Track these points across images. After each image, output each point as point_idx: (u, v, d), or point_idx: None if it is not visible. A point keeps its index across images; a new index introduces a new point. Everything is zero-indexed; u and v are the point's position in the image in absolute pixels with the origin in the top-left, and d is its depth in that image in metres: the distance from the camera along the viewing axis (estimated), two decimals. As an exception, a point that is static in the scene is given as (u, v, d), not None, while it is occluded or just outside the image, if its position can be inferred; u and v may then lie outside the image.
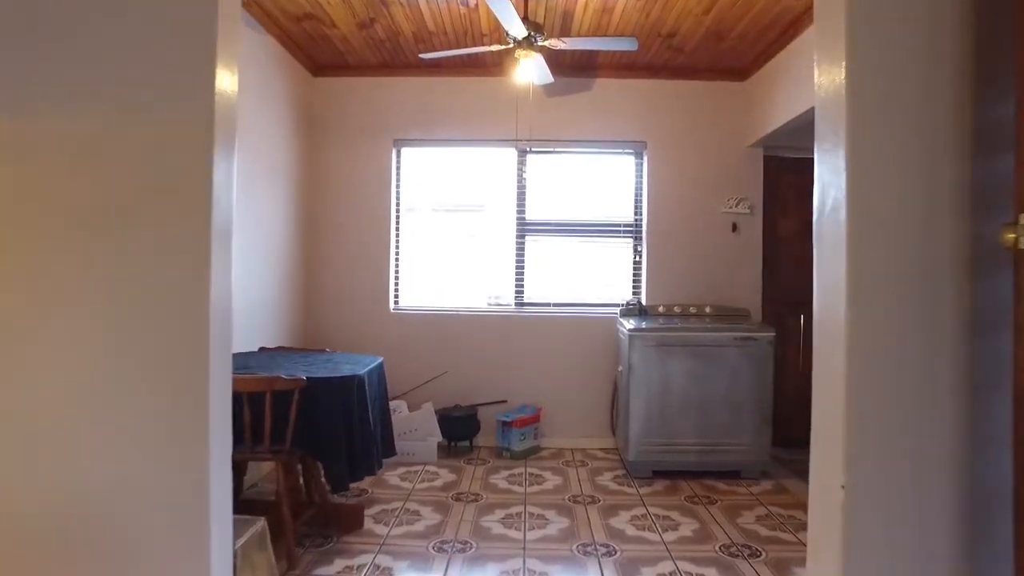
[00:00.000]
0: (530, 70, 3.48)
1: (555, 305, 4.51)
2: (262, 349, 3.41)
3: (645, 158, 4.44)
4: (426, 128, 4.41)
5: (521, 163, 4.51)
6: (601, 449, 4.35)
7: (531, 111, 4.33)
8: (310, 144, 4.40)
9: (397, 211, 4.52)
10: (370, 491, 3.44)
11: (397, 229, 4.53)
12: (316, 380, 2.58)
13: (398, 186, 4.53)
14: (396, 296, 4.53)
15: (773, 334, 3.72)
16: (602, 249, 4.53)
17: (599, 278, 4.53)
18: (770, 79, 4.04)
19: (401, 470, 3.81)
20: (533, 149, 4.49)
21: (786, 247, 4.52)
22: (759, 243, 4.41)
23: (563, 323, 4.41)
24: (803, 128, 4.45)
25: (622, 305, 4.32)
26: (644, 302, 4.32)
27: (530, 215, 4.51)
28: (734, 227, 4.38)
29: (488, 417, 4.35)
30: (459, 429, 4.21)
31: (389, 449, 3.16)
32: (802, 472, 3.98)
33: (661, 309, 4.21)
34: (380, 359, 3.20)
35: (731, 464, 3.72)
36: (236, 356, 2.45)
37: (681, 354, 3.69)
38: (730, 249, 4.40)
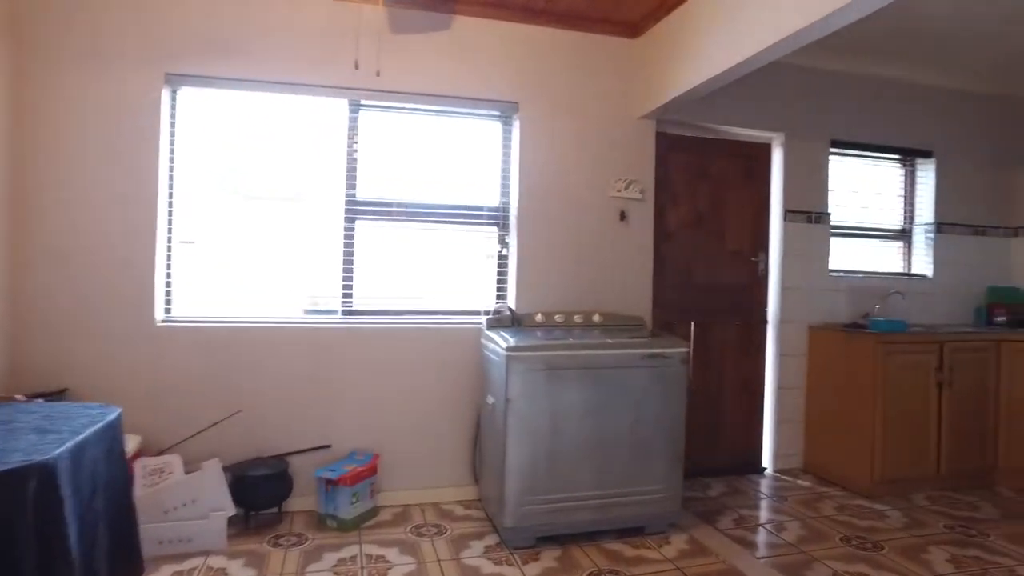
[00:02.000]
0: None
1: (395, 314, 3.39)
2: None
3: (516, 124, 3.49)
4: (216, 60, 3.05)
5: (353, 121, 3.32)
6: (460, 503, 3.31)
7: (369, 50, 3.16)
8: (14, 72, 2.82)
9: (171, 181, 3.10)
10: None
11: (171, 207, 3.10)
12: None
13: (173, 144, 3.10)
14: (167, 303, 3.11)
15: (686, 350, 2.96)
16: (459, 241, 3.49)
17: (455, 278, 3.49)
18: (667, 38, 3.29)
19: (168, 572, 2.46)
20: (369, 103, 3.32)
21: (675, 242, 3.83)
22: (650, 235, 3.66)
23: (407, 338, 3.30)
24: (701, 102, 3.81)
25: (488, 314, 3.32)
26: (515, 309, 3.36)
27: (362, 193, 3.34)
28: (622, 215, 3.59)
29: (305, 470, 3.12)
30: (261, 493, 2.92)
31: (126, 567, 1.86)
32: (714, 515, 3.26)
33: (539, 318, 3.28)
34: (114, 412, 1.89)
35: (634, 519, 2.89)
36: None
37: (576, 379, 2.78)
38: (619, 242, 3.60)
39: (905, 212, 4.44)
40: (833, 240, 4.13)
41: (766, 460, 4.01)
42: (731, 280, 3.97)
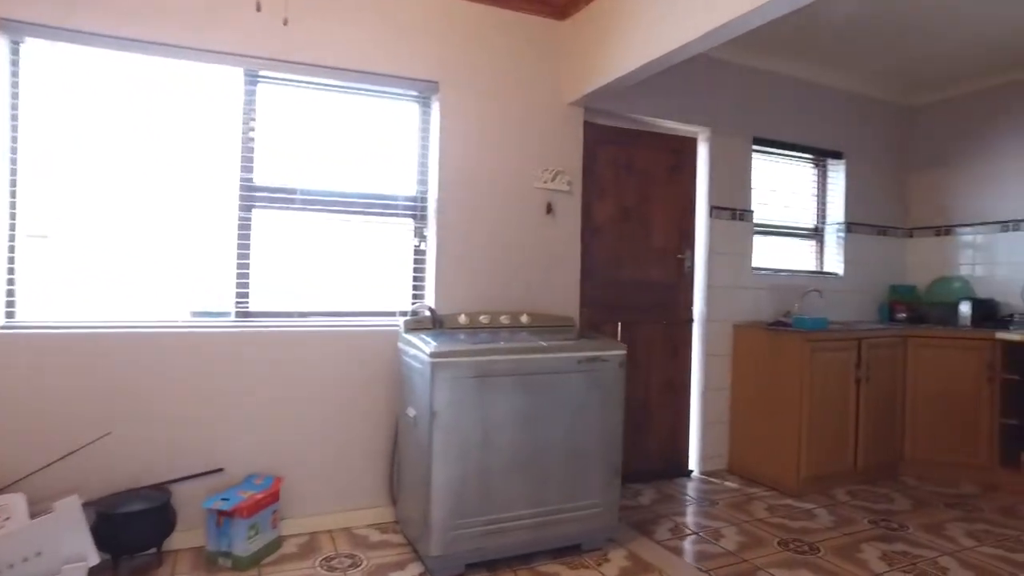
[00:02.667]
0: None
1: (299, 316, 2.98)
2: None
3: (435, 106, 3.17)
4: (76, 7, 2.52)
5: (250, 95, 2.88)
6: (376, 527, 2.95)
7: (269, 14, 2.74)
8: None
9: (13, 158, 2.53)
10: None
11: (13, 192, 2.54)
12: None
13: (15, 111, 2.54)
14: (9, 306, 2.54)
15: (624, 352, 2.76)
16: (371, 233, 3.14)
17: (367, 275, 3.13)
18: (597, 21, 3.09)
19: (1, 645, 1.95)
20: (269, 75, 2.90)
21: (602, 238, 3.66)
22: (577, 230, 3.46)
23: (312, 343, 2.90)
24: (630, 91, 3.66)
25: (407, 315, 2.99)
26: (435, 309, 3.05)
27: (260, 178, 2.91)
28: (549, 208, 3.36)
29: (192, 501, 2.65)
30: (134, 532, 2.44)
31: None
32: (649, 525, 3.06)
33: (463, 320, 2.99)
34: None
35: (571, 536, 2.66)
36: None
37: (509, 387, 2.51)
38: (545, 237, 3.37)
39: (818, 211, 4.53)
40: (755, 238, 4.12)
41: (693, 462, 3.93)
42: (658, 278, 3.85)
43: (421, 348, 2.51)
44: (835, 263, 4.50)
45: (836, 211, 4.50)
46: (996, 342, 3.76)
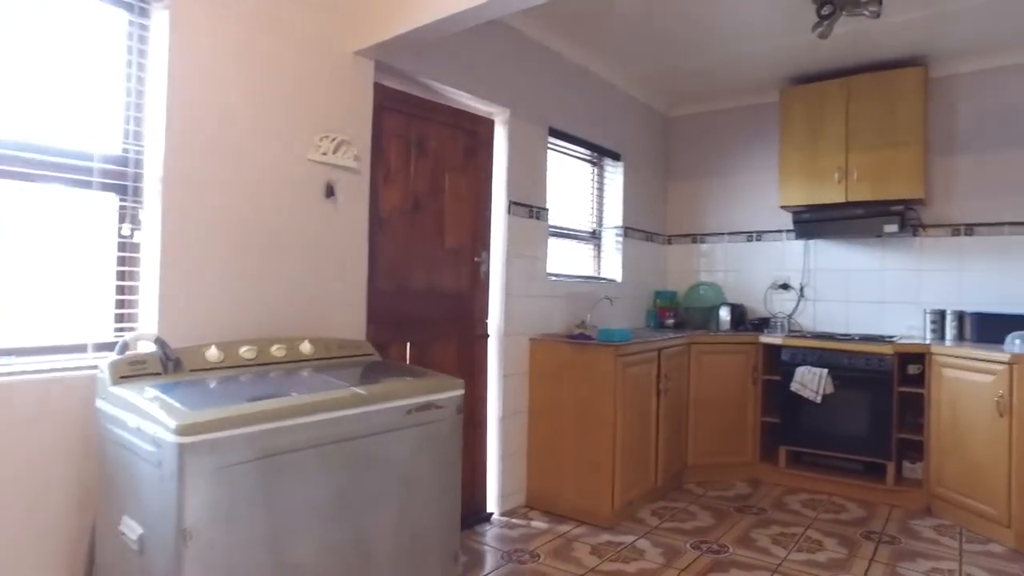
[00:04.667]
0: None
1: None
2: None
3: (161, 21, 2.00)
4: None
5: None
6: None
7: None
8: None
9: None
10: None
11: None
12: None
13: None
14: None
15: (462, 392, 2.01)
16: (38, 210, 1.84)
17: (32, 281, 1.83)
18: (409, -63, 2.30)
19: None
20: None
21: (389, 234, 2.84)
22: (365, 222, 2.59)
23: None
24: (431, 52, 2.80)
25: (115, 350, 1.80)
26: (167, 342, 1.89)
27: None
28: (330, 190, 2.43)
29: None
30: None
31: None
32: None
33: (213, 355, 1.89)
34: None
35: (402, 669, 1.82)
36: None
37: (312, 467, 1.57)
38: (324, 229, 2.43)
39: (597, 214, 4.34)
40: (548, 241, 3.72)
41: (492, 503, 3.33)
42: (451, 286, 3.17)
43: (154, 416, 1.42)
44: (613, 268, 4.37)
45: (613, 214, 4.37)
46: (759, 345, 3.96)
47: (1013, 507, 2.98)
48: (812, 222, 4.00)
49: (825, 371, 3.62)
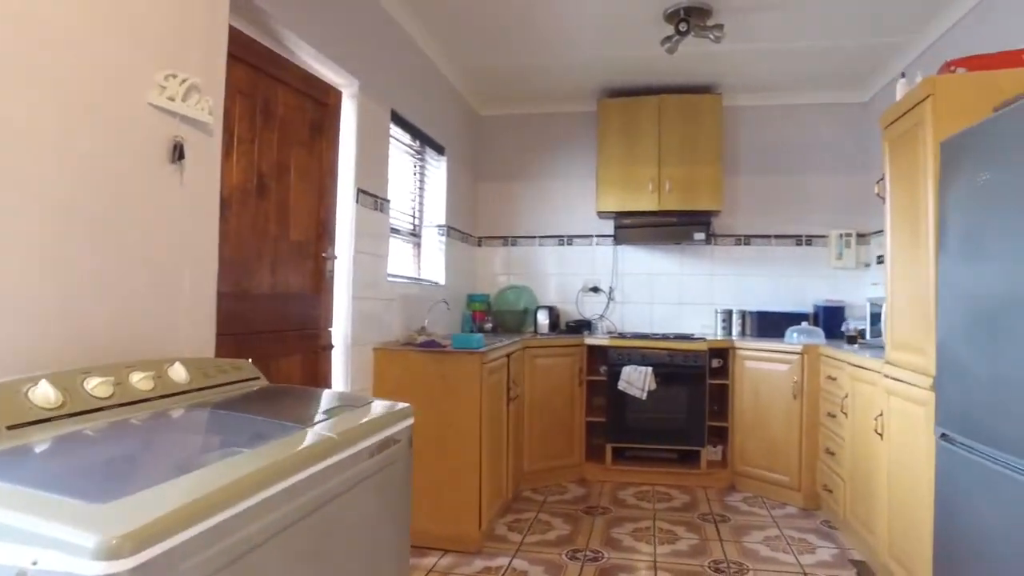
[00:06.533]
0: None
1: None
2: None
3: None
4: None
5: None
6: None
7: None
8: None
9: None
10: None
11: None
12: None
13: None
14: None
15: (412, 420, 1.56)
16: None
17: None
18: None
19: None
20: None
21: (231, 219, 2.18)
22: (216, 198, 1.91)
23: None
24: None
25: None
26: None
27: None
28: (178, 152, 1.72)
29: None
30: None
31: None
32: None
33: (43, 397, 1.13)
34: None
35: None
36: None
37: (278, 556, 1.02)
38: (169, 204, 1.72)
39: (418, 210, 3.99)
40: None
41: (340, 546, 2.78)
42: (297, 286, 2.57)
43: (32, 531, 0.75)
44: (435, 270, 4.06)
45: (435, 212, 4.07)
46: (584, 347, 4.04)
47: (803, 475, 3.51)
48: (632, 227, 4.24)
49: (649, 369, 3.84)
